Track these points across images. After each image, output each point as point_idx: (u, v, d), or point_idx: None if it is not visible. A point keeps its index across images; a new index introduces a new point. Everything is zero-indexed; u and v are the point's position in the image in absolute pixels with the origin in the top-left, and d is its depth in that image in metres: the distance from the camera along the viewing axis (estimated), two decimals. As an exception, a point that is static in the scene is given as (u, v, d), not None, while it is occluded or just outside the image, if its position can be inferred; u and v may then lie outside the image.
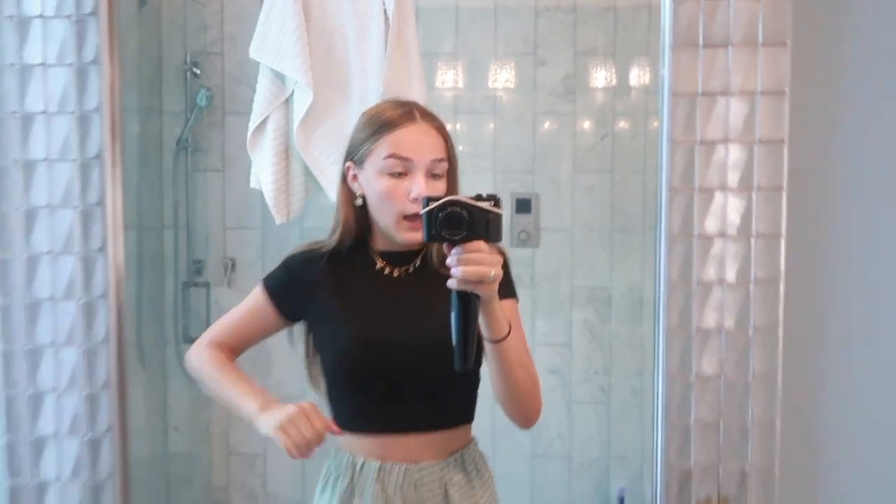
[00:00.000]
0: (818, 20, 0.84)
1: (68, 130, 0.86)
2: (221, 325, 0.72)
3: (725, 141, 0.81)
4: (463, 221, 0.62)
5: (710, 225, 0.80)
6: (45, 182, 0.86)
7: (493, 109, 1.09)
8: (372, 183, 0.67)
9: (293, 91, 0.90)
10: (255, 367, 0.97)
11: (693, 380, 0.80)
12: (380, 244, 0.70)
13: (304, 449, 0.63)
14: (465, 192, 0.65)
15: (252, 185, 0.96)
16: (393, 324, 0.68)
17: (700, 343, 0.80)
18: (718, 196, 0.80)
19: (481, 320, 0.63)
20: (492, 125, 1.10)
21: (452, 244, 0.61)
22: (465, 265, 0.60)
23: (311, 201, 0.95)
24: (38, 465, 0.87)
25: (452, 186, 0.70)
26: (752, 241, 0.80)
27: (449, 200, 0.62)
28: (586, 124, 1.08)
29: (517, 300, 0.69)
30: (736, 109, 0.81)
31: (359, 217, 0.70)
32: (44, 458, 0.87)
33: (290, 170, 0.93)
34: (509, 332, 0.63)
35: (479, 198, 0.62)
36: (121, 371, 0.86)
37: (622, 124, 1.08)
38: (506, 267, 0.67)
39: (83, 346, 0.85)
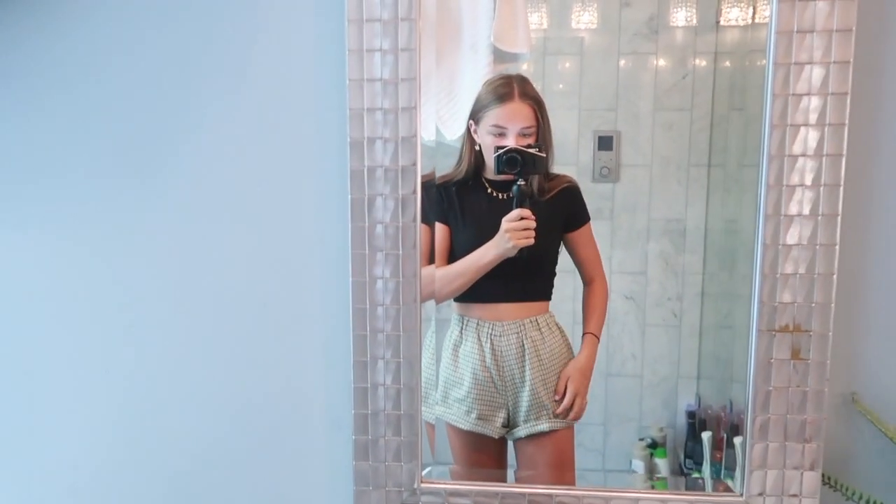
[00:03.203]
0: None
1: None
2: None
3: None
4: (517, 161, 1.00)
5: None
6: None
7: (578, 50, 1.15)
8: (483, 137, 1.04)
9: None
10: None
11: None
12: (490, 176, 1.05)
13: (524, 235, 1.02)
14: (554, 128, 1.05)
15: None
16: (495, 231, 1.04)
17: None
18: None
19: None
20: (577, 65, 1.16)
21: (514, 176, 1.01)
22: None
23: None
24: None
25: (540, 141, 1.03)
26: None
27: (509, 149, 1.01)
28: (668, 64, 1.13)
29: (589, 221, 1.08)
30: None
31: (477, 157, 1.05)
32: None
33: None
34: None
35: (529, 146, 1.01)
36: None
37: (702, 63, 1.13)
38: (579, 197, 1.07)
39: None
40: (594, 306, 1.10)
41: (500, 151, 1.01)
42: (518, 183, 1.03)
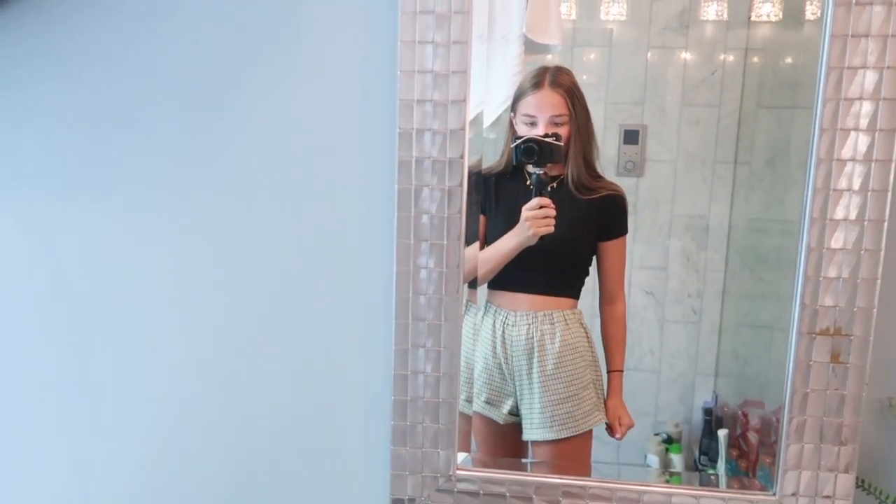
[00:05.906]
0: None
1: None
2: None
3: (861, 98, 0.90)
4: (534, 151, 1.03)
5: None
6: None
7: (607, 42, 1.14)
8: (519, 127, 1.06)
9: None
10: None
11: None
12: (531, 168, 1.06)
13: (543, 223, 1.04)
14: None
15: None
16: None
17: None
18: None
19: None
20: (605, 57, 1.15)
21: (533, 165, 1.03)
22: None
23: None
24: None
25: (574, 129, 1.05)
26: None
27: (526, 138, 1.04)
28: (697, 58, 1.12)
29: (625, 234, 1.10)
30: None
31: None
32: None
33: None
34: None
35: (546, 136, 1.04)
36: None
37: (731, 59, 1.11)
38: (622, 209, 1.09)
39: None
40: (619, 338, 1.11)
41: (518, 141, 1.03)
42: (537, 172, 1.05)
